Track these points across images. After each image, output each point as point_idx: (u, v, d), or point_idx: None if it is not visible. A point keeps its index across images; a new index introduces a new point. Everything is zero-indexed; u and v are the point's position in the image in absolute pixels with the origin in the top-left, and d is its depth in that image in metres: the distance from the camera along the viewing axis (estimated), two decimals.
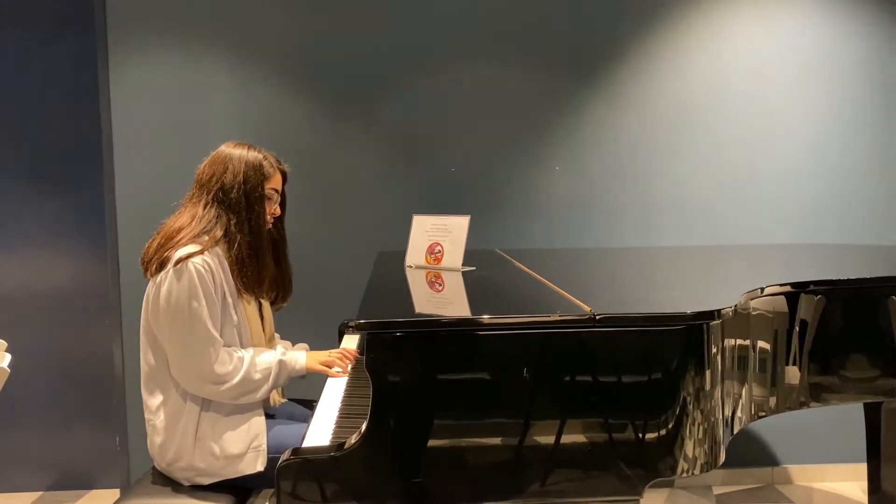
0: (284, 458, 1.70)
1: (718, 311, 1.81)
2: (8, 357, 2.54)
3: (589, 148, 3.59)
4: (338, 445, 1.71)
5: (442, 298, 2.26)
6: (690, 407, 1.76)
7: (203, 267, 2.09)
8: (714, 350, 1.81)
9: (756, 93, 3.61)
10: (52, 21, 3.45)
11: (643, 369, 1.75)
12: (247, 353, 2.16)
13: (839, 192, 3.66)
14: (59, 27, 3.45)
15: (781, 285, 2.15)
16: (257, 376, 2.14)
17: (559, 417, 1.72)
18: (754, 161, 3.63)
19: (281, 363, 2.20)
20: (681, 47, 3.59)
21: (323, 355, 2.35)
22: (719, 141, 3.62)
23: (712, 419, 1.81)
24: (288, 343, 2.60)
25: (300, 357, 2.27)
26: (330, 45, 3.51)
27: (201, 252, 2.11)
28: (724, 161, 3.62)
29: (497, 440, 1.71)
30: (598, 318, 1.72)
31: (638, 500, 1.73)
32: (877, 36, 3.63)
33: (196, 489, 2.15)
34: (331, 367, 2.31)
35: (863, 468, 3.11)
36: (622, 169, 3.60)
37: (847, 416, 3.55)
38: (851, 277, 2.29)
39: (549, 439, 1.71)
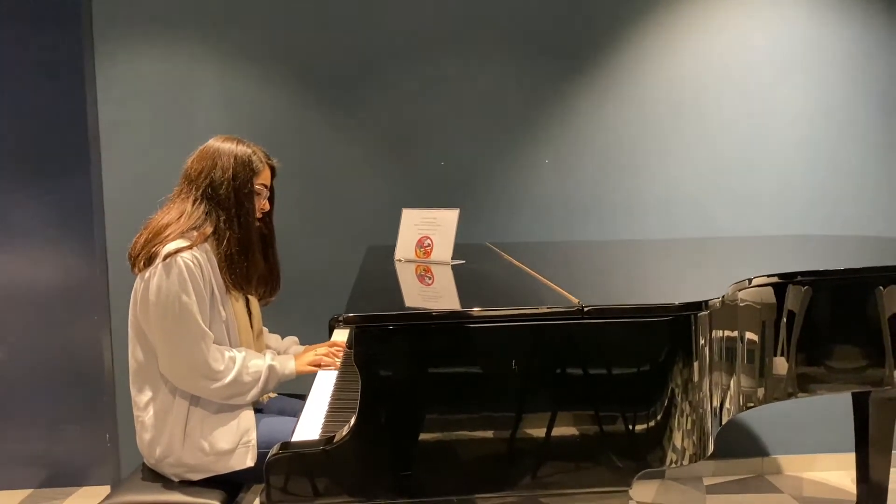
0: (273, 451, 1.70)
1: (706, 301, 1.82)
2: None
3: (578, 141, 3.59)
4: (327, 439, 1.70)
5: (431, 292, 2.26)
6: (679, 398, 1.77)
7: (192, 262, 2.08)
8: (702, 341, 1.82)
9: (745, 86, 3.62)
10: (37, 15, 3.43)
11: (632, 361, 1.76)
12: (239, 355, 2.16)
13: (828, 185, 3.68)
14: (45, 21, 3.43)
15: (769, 276, 2.16)
16: (247, 378, 2.14)
17: (548, 409, 1.72)
18: (744, 155, 3.64)
19: (270, 368, 2.20)
20: (670, 40, 3.60)
21: (310, 356, 2.35)
22: (709, 135, 3.63)
23: (700, 410, 1.81)
24: (277, 336, 2.60)
25: (289, 363, 2.27)
26: (319, 39, 3.49)
27: (190, 248, 2.10)
28: (714, 155, 3.63)
29: (486, 433, 1.71)
30: (586, 310, 1.73)
31: (627, 491, 1.74)
32: (866, 29, 3.64)
33: (186, 485, 2.14)
34: (320, 366, 2.32)
35: (852, 458, 3.13)
36: (612, 162, 3.61)
37: (836, 407, 3.57)
38: (839, 268, 2.30)
39: (538, 431, 1.71)
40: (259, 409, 2.34)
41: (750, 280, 2.11)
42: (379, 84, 3.53)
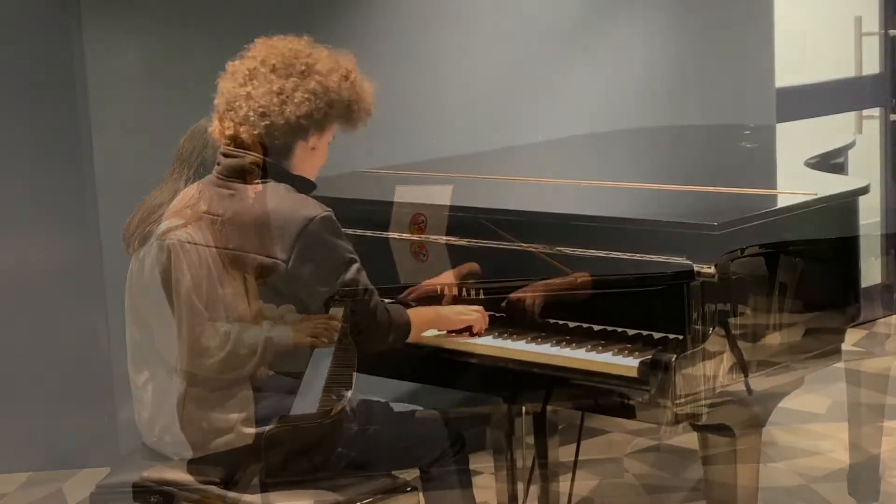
0: (271, 427, 1.72)
1: (698, 271, 1.83)
2: None
3: (567, 114, 3.58)
4: (324, 413, 1.72)
5: (426, 268, 2.27)
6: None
7: (187, 240, 2.08)
8: (694, 314, 1.83)
9: None
10: None
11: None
12: (233, 328, 2.16)
13: None
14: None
15: (761, 246, 2.17)
16: (244, 352, 2.14)
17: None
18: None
19: (267, 340, 2.20)
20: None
21: (308, 327, 2.35)
22: None
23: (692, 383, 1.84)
24: (272, 306, 2.59)
25: (287, 333, 2.27)
26: (312, 13, 3.46)
27: (185, 225, 2.10)
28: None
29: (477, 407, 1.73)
30: (579, 281, 1.74)
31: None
32: None
33: (185, 463, 2.14)
34: (318, 338, 2.32)
35: (845, 427, 3.15)
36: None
37: (827, 378, 3.59)
38: (829, 237, 2.31)
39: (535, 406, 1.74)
40: (258, 388, 2.35)
41: (742, 250, 2.11)
42: (369, 61, 3.50)
